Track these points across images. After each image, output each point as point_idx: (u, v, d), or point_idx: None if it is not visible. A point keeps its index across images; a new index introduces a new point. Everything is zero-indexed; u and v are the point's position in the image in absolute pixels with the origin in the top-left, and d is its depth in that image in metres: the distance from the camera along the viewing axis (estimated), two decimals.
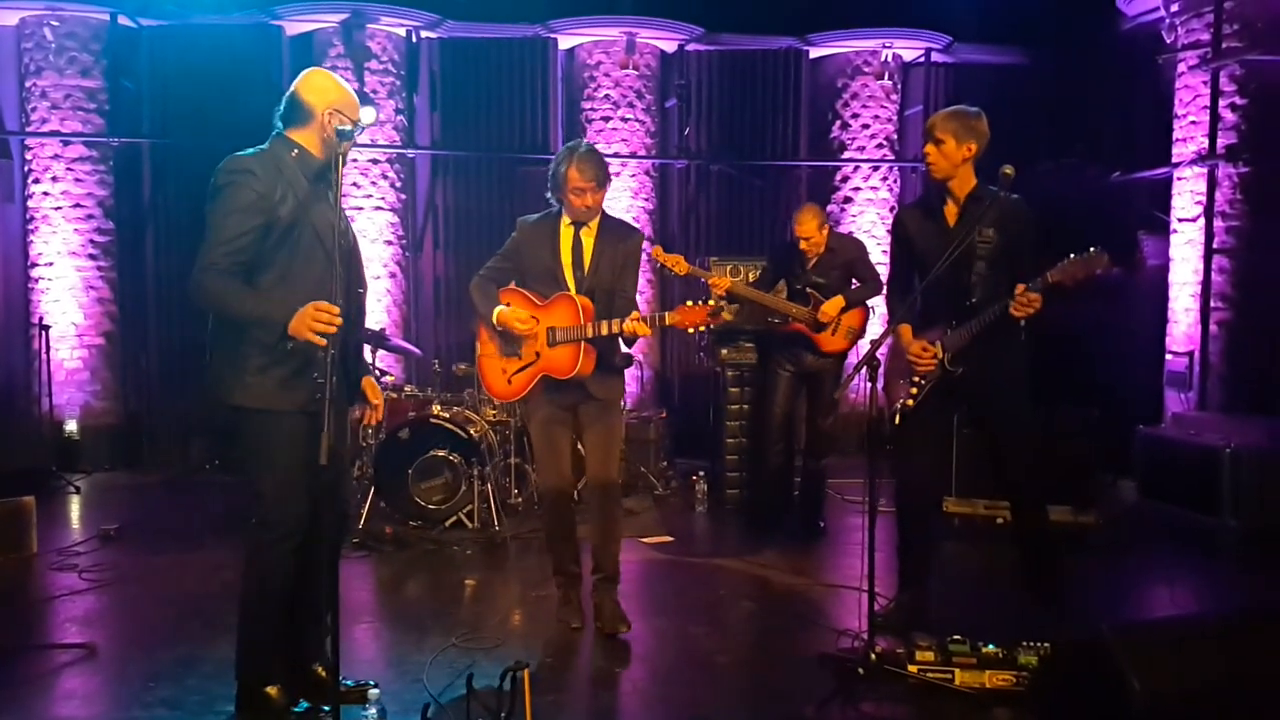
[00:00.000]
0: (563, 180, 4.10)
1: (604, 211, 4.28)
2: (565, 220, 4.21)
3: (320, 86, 3.33)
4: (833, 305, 5.70)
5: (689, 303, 3.93)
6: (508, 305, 4.16)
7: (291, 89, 3.34)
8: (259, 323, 3.14)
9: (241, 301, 3.14)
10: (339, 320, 3.00)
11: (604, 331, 4.00)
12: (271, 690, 3.38)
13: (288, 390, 3.21)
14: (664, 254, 5.50)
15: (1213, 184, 7.22)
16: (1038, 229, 4.12)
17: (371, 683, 3.58)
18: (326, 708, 3.33)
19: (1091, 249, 3.81)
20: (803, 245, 5.74)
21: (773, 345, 6.07)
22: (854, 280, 5.84)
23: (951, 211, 4.11)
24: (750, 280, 6.11)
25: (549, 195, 4.24)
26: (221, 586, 4.95)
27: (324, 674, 3.51)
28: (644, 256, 4.90)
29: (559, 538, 4.48)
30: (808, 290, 5.77)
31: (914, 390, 4.14)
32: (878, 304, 7.22)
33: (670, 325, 4.01)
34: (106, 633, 4.34)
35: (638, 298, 4.36)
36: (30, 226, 8.21)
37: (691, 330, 3.98)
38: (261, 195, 3.15)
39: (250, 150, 3.27)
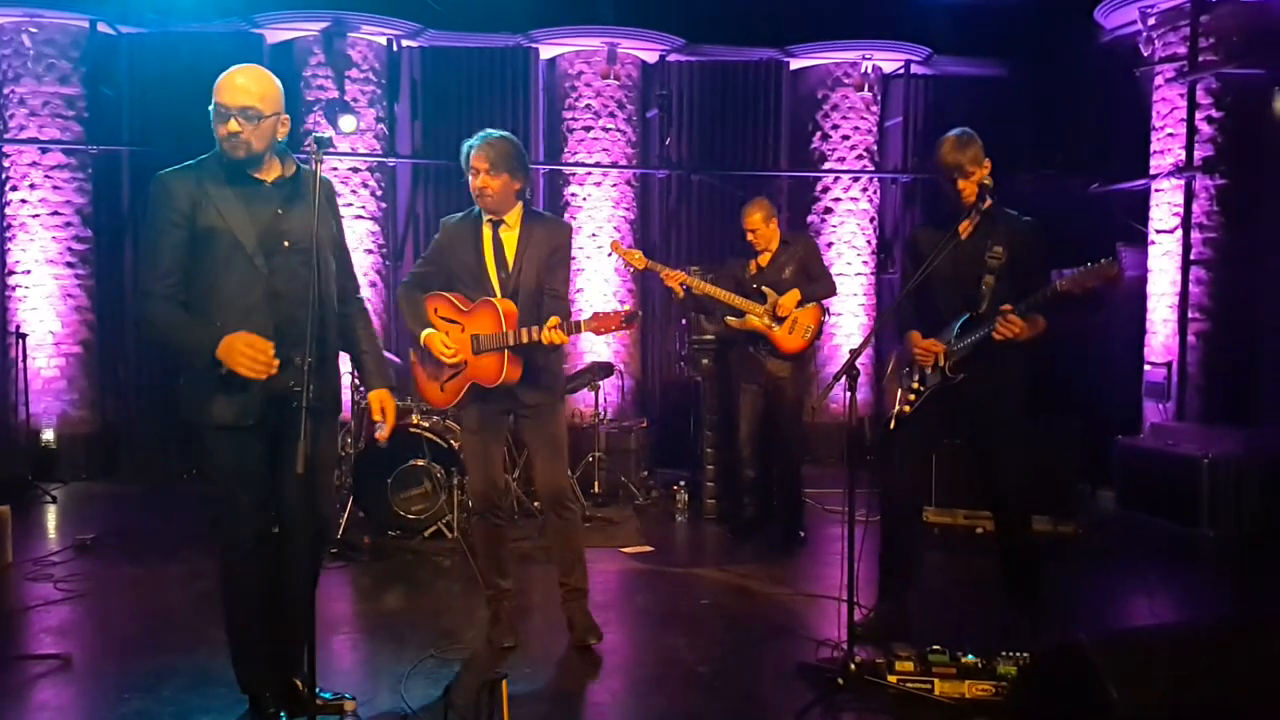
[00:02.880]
0: (465, 163, 4.05)
1: (528, 207, 4.16)
2: (487, 217, 4.11)
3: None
4: (790, 298, 5.75)
5: (605, 310, 3.85)
6: (435, 310, 4.10)
7: None
8: (191, 352, 3.12)
9: (175, 331, 3.14)
10: (274, 362, 2.98)
11: (524, 340, 3.88)
12: (266, 698, 3.39)
13: (219, 405, 3.16)
14: (622, 249, 5.65)
15: (1190, 196, 7.28)
16: (1049, 250, 4.16)
17: (348, 695, 3.56)
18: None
19: (1104, 259, 3.82)
20: (750, 238, 5.87)
21: (734, 358, 6.12)
22: (808, 279, 5.91)
23: (965, 228, 4.15)
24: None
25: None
26: (198, 597, 4.92)
27: (302, 686, 3.48)
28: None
29: (487, 550, 4.34)
30: (763, 289, 5.81)
31: (911, 397, 4.17)
32: (852, 317, 7.23)
33: (587, 331, 3.89)
34: (81, 644, 4.30)
35: (613, 296, 4.30)
36: (8, 234, 8.14)
37: (604, 334, 3.89)
38: (175, 210, 3.12)
39: (189, 162, 3.24)
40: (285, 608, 3.40)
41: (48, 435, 8.07)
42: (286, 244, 3.18)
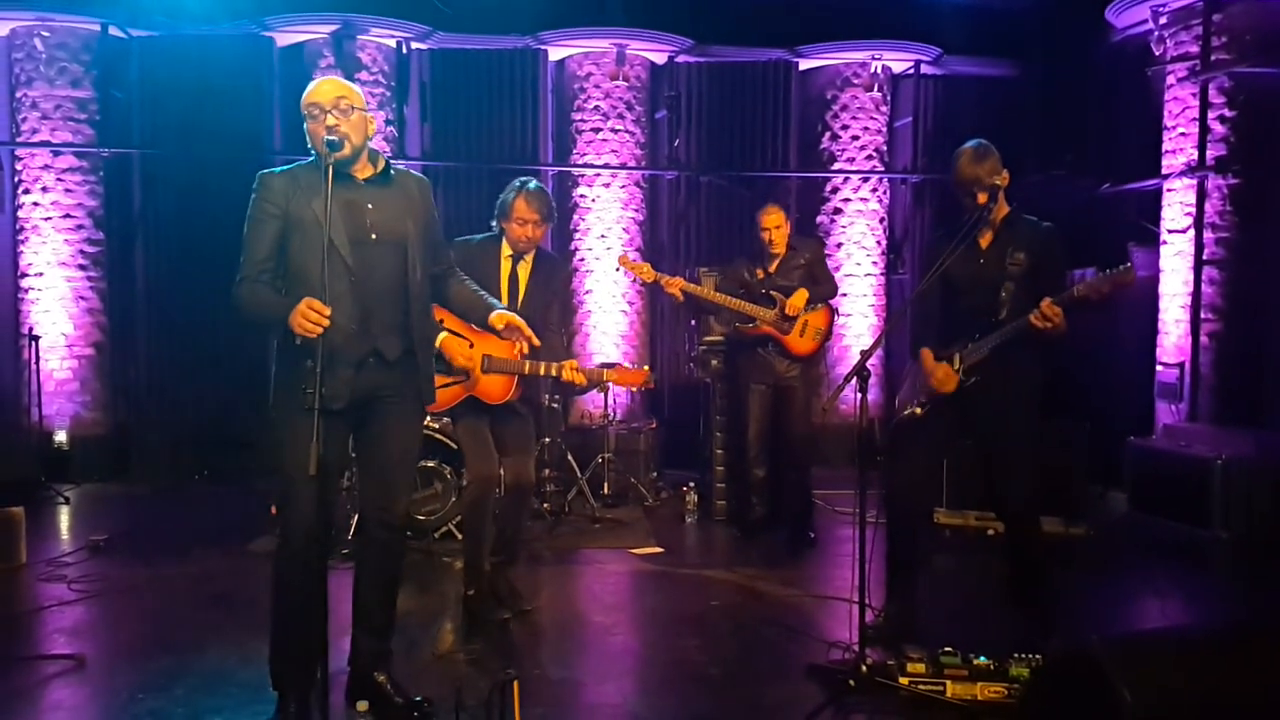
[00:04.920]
0: (509, 209, 4.46)
1: (538, 245, 4.61)
2: (505, 250, 4.53)
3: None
4: (798, 298, 5.77)
5: (628, 365, 4.12)
6: (440, 321, 4.20)
7: None
8: (272, 324, 3.24)
9: (259, 307, 3.28)
10: (326, 321, 3.02)
11: (540, 373, 4.31)
12: (287, 693, 3.42)
13: (298, 392, 3.18)
14: (629, 263, 5.70)
15: (1202, 195, 7.25)
16: (1067, 256, 4.18)
17: (421, 699, 3.56)
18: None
19: (1121, 266, 3.83)
20: (769, 236, 5.85)
21: (743, 358, 6.12)
22: (813, 282, 5.91)
23: (986, 237, 4.15)
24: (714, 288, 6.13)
25: (494, 222, 4.55)
26: (211, 598, 4.95)
27: (384, 681, 3.56)
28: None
29: (483, 530, 4.58)
30: (771, 293, 5.81)
31: (923, 399, 4.18)
32: (861, 318, 7.21)
33: (608, 381, 4.50)
34: (95, 644, 4.31)
35: (621, 298, 4.51)
36: (20, 237, 8.18)
37: (625, 389, 4.33)
38: (272, 203, 3.29)
39: (287, 166, 3.41)
40: (364, 604, 3.62)
41: (60, 437, 8.10)
42: (374, 236, 3.34)
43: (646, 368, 4.61)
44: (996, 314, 4.07)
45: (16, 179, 8.17)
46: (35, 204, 8.12)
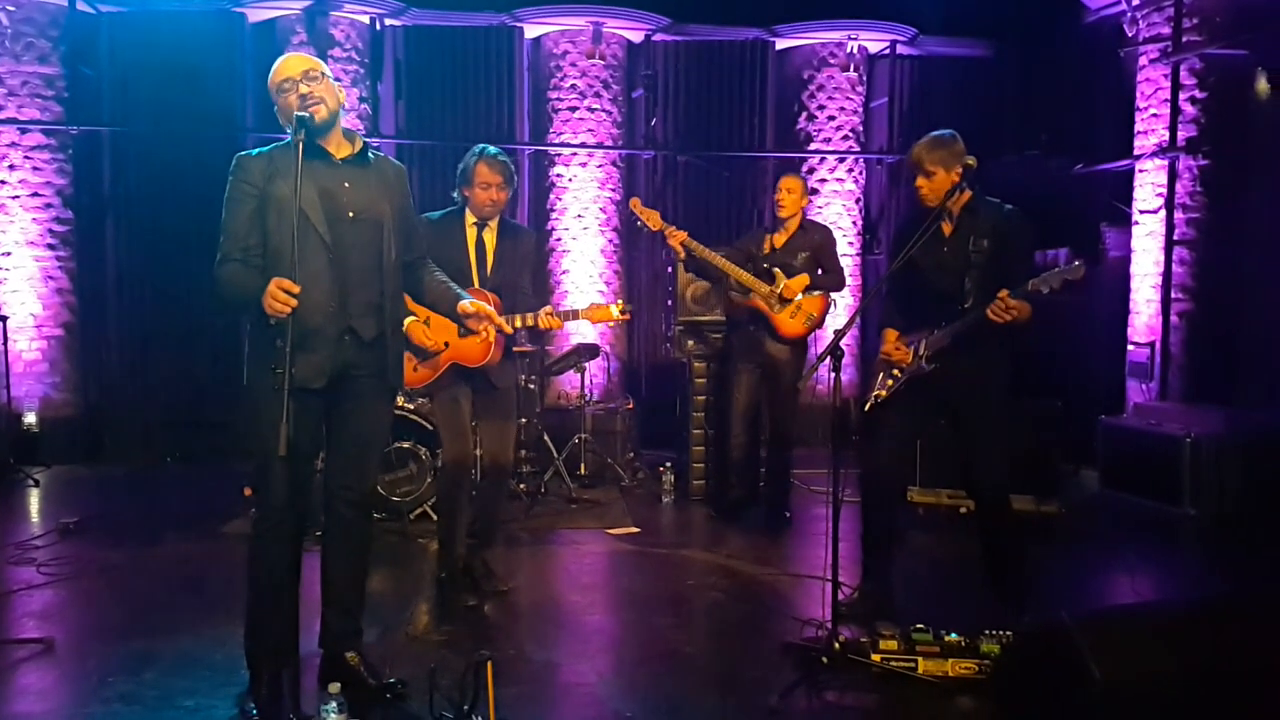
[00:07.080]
0: (471, 174, 4.44)
1: (501, 214, 4.59)
2: (469, 219, 4.51)
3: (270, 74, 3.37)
4: (797, 282, 5.75)
5: (600, 302, 4.17)
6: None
7: None
8: (249, 304, 3.19)
9: (236, 287, 3.25)
10: (294, 301, 3.01)
11: (518, 325, 4.27)
12: (260, 673, 3.40)
13: (272, 373, 3.13)
14: (641, 208, 5.75)
15: (1173, 176, 7.30)
16: (1033, 238, 4.21)
17: (394, 680, 3.54)
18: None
19: (1074, 263, 3.92)
20: (780, 198, 5.86)
21: (734, 335, 6.11)
22: (819, 269, 5.90)
23: (947, 226, 4.17)
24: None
25: (455, 193, 4.54)
26: (183, 581, 4.92)
27: (355, 661, 3.55)
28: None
29: (458, 512, 4.59)
30: (773, 270, 5.80)
31: (890, 382, 4.20)
32: (838, 298, 7.24)
33: (583, 319, 4.39)
34: (64, 628, 4.27)
35: (598, 277, 4.52)
36: None
37: (598, 325, 4.35)
38: (249, 183, 3.28)
39: (264, 147, 3.40)
40: (327, 581, 3.60)
41: (30, 418, 8.01)
42: (351, 214, 3.34)
43: (620, 301, 4.66)
44: (962, 302, 4.09)
45: None
46: (2, 182, 7.99)
